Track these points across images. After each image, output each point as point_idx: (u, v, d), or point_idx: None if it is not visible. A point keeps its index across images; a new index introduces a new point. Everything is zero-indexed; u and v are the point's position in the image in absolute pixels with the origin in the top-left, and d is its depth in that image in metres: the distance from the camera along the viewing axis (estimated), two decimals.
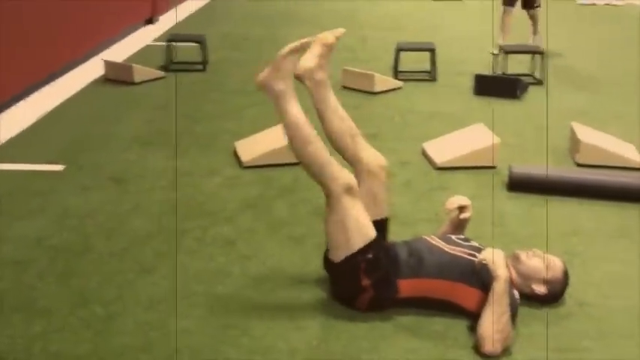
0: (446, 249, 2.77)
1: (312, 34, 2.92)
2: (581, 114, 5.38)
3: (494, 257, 2.59)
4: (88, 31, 7.18)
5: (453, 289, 2.69)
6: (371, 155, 2.89)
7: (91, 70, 6.61)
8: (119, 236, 3.42)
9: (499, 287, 2.53)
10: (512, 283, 2.76)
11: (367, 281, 2.68)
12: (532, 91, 6.08)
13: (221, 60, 7.17)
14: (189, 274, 3.08)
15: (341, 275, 2.74)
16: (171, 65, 6.61)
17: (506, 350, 2.54)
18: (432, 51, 6.50)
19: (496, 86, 5.96)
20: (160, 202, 3.83)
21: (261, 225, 3.58)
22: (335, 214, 2.68)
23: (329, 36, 2.84)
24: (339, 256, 2.71)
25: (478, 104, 5.74)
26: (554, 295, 2.82)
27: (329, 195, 2.69)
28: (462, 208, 3.02)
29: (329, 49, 2.84)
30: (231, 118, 5.31)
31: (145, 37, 8.38)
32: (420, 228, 3.51)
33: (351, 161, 2.91)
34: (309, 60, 2.81)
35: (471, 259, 2.69)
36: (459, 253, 2.74)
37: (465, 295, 2.67)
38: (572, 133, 4.53)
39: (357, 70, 6.17)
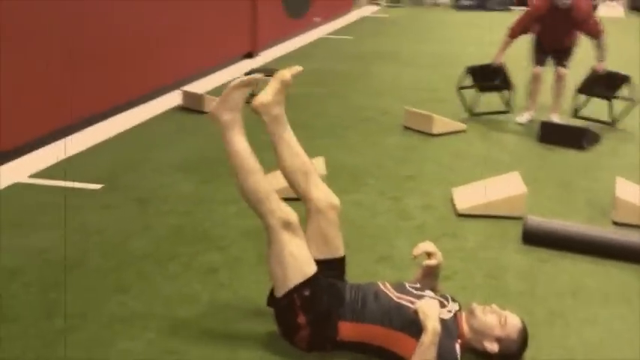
0: (393, 296, 2.67)
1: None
2: None
3: (426, 308, 2.47)
4: (185, 61, 7.63)
5: (393, 338, 2.59)
6: (322, 193, 2.85)
7: (173, 99, 6.99)
8: (114, 255, 3.57)
9: (426, 339, 2.42)
10: (461, 337, 2.63)
11: (303, 318, 2.64)
12: (607, 142, 5.73)
13: (299, 94, 7.30)
14: (159, 297, 3.16)
15: (279, 310, 2.72)
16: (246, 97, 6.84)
17: None
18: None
19: (562, 135, 5.66)
20: (170, 225, 3.97)
21: (251, 256, 3.61)
22: (273, 249, 2.67)
23: (286, 73, 2.88)
24: (278, 291, 2.69)
25: (537, 152, 5.49)
26: (507, 354, 2.64)
27: (267, 229, 2.70)
28: (429, 255, 2.91)
29: (285, 85, 2.88)
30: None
31: (240, 70, 8.73)
32: (411, 272, 3.40)
33: (303, 198, 2.89)
34: (265, 95, 2.85)
35: (413, 310, 2.58)
36: (405, 302, 2.64)
37: (404, 344, 2.56)
38: (615, 188, 4.23)
39: (417, 110, 6.10)
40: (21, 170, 4.80)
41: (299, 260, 2.65)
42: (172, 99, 6.95)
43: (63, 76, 5.52)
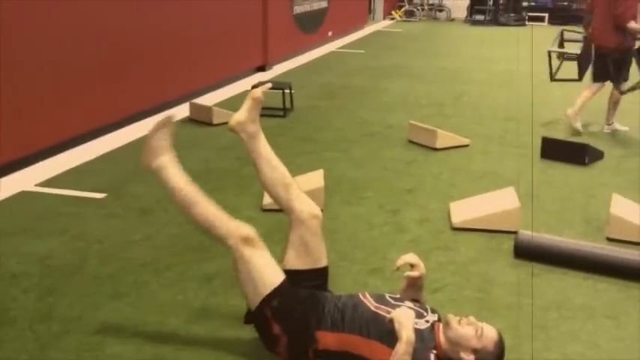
0: (371, 306, 2.74)
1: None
2: None
3: (401, 318, 2.54)
4: (196, 74, 7.78)
5: (371, 347, 2.65)
6: (304, 204, 2.93)
7: (182, 110, 7.11)
8: (113, 262, 3.67)
9: (400, 348, 2.47)
10: (437, 348, 2.68)
11: (277, 328, 2.72)
12: (610, 158, 5.76)
13: (306, 107, 7.44)
14: (154, 304, 3.25)
15: (256, 324, 2.81)
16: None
17: None
18: None
19: (564, 150, 5.70)
20: (170, 235, 4.06)
21: None
22: (239, 268, 2.77)
23: (257, 91, 3.00)
24: (252, 306, 2.79)
25: (538, 168, 5.52)
26: None
27: (229, 250, 2.80)
28: (412, 266, 2.97)
29: (257, 102, 2.99)
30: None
31: (251, 82, 8.86)
32: (399, 285, 3.47)
33: (285, 210, 2.97)
34: (240, 114, 2.99)
35: (388, 320, 2.64)
36: (382, 312, 2.70)
37: (381, 353, 2.61)
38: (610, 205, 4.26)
39: (421, 124, 6.17)
40: (28, 179, 4.93)
41: (265, 272, 2.75)
42: (182, 111, 7.07)
43: (72, 87, 5.67)
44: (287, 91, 7.12)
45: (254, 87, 7.01)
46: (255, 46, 9.52)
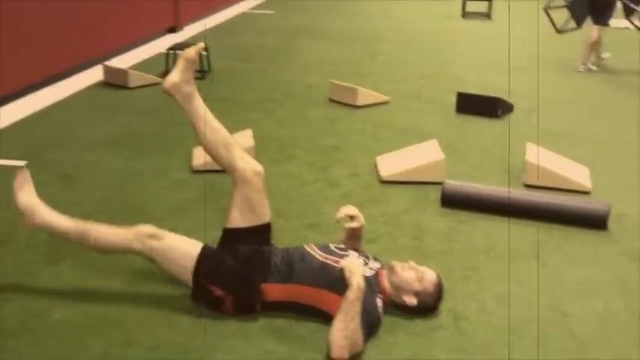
0: (318, 257, 2.83)
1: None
2: (554, 136, 5.34)
3: (351, 266, 2.64)
4: (105, 36, 7.54)
5: (320, 296, 2.75)
6: (246, 163, 2.95)
7: (95, 74, 6.91)
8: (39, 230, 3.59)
9: (351, 294, 2.58)
10: (383, 293, 2.81)
11: (218, 290, 2.79)
12: (519, 111, 6.05)
13: (224, 69, 7.37)
14: (94, 268, 3.22)
15: (200, 297, 2.86)
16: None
17: (356, 356, 2.58)
18: None
19: (477, 105, 5.94)
20: (99, 200, 4.00)
21: (184, 225, 3.68)
22: (158, 260, 2.85)
23: (190, 51, 2.97)
24: (188, 283, 2.85)
25: (454, 122, 5.74)
26: (425, 307, 2.84)
27: (141, 254, 2.86)
28: (351, 218, 3.07)
29: (191, 63, 2.97)
30: None
31: (163, 45, 8.67)
32: (336, 237, 3.57)
33: (228, 170, 2.99)
34: (174, 75, 2.95)
35: (338, 268, 2.74)
36: (330, 262, 2.80)
37: (330, 301, 2.71)
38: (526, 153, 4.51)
39: (342, 83, 6.26)
40: None
41: (182, 249, 2.84)
42: (94, 75, 6.88)
43: None
44: (204, 52, 7.03)
45: (170, 49, 6.93)
46: (166, 7, 9.31)
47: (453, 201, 3.97)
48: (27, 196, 2.94)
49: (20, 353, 2.59)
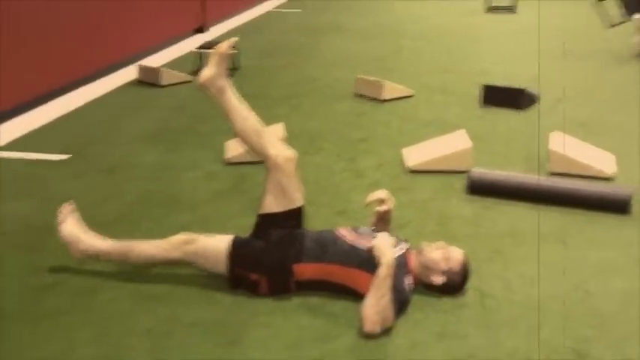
0: (349, 238, 2.98)
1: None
2: (581, 125, 5.42)
3: (381, 245, 2.79)
4: (136, 36, 7.77)
5: (351, 275, 2.90)
6: (278, 149, 3.10)
7: (129, 73, 7.13)
8: (87, 220, 3.72)
9: (381, 272, 2.72)
10: (411, 272, 2.95)
11: (254, 275, 2.96)
12: (545, 101, 6.13)
13: (252, 66, 7.55)
14: None
15: (238, 284, 3.02)
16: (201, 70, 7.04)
17: (387, 331, 2.72)
18: None
19: (502, 97, 6.03)
20: (140, 190, 4.19)
21: (219, 214, 3.87)
22: (197, 261, 3.05)
23: (223, 45, 3.14)
24: (225, 273, 3.02)
25: (479, 114, 5.84)
26: (452, 285, 2.97)
27: (181, 262, 3.07)
28: (382, 202, 3.22)
29: (224, 57, 3.14)
30: None
31: (191, 45, 8.87)
32: (365, 223, 3.72)
33: (261, 157, 3.15)
34: (209, 70, 3.12)
35: (368, 248, 2.89)
36: (360, 242, 2.94)
37: (361, 280, 2.86)
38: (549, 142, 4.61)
39: (368, 77, 6.40)
40: None
41: (214, 245, 3.01)
42: (127, 74, 7.10)
43: (28, 50, 5.65)
44: (234, 50, 7.20)
45: (199, 48, 7.11)
46: (193, 8, 9.51)
47: (479, 188, 4.10)
48: (70, 226, 3.16)
49: (73, 329, 2.78)
